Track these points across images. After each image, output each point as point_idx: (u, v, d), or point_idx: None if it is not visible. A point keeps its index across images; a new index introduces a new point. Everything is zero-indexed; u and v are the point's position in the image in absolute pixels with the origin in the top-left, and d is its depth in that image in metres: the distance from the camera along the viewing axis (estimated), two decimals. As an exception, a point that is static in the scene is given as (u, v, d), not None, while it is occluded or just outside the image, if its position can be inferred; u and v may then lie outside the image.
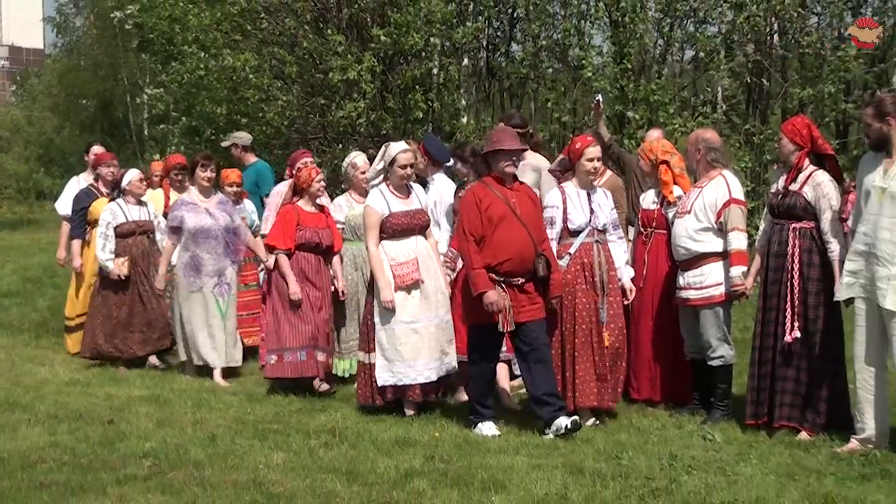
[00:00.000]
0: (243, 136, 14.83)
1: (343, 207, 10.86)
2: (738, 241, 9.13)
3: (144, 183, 11.85)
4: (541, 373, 8.78)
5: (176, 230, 11.00)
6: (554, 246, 9.05)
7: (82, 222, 12.43)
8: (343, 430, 8.72)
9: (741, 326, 11.95)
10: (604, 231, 9.25)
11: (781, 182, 8.93)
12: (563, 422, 8.52)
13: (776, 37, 20.40)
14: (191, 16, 21.68)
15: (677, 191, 9.60)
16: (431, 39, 19.83)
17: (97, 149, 13.31)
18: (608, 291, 9.14)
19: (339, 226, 10.76)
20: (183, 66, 22.40)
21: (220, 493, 7.00)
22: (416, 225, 9.49)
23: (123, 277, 11.50)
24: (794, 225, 8.71)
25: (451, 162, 10.99)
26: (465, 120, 20.46)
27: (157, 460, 7.84)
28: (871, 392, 8.26)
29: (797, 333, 8.62)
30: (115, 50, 40.85)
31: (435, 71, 20.54)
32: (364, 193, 10.52)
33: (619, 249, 9.35)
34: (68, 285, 17.35)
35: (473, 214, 8.64)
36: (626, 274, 9.45)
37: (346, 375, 10.85)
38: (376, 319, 9.37)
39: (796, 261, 8.66)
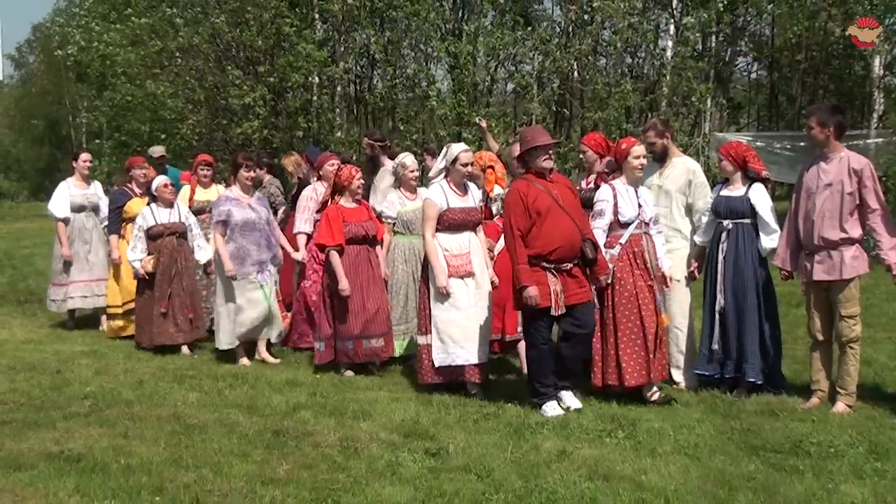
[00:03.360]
0: (156, 151, 14.02)
1: (395, 204, 9.20)
2: None
3: (170, 188, 10.16)
4: (576, 355, 7.48)
5: (223, 223, 9.35)
6: (602, 237, 7.68)
7: (117, 219, 10.84)
8: (244, 375, 8.56)
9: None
10: (648, 223, 7.87)
11: (584, 183, 8.99)
12: (552, 412, 7.19)
13: (575, 74, 20.76)
14: (118, 57, 21.43)
15: (497, 189, 9.58)
16: (310, 77, 19.85)
17: (85, 156, 11.77)
18: (657, 279, 7.75)
19: (391, 221, 9.20)
20: (113, 94, 22.13)
21: (146, 425, 6.83)
22: (469, 221, 8.09)
23: (147, 276, 9.84)
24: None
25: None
26: (338, 135, 20.50)
27: (96, 401, 7.60)
28: None
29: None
30: (60, 80, 40.79)
31: (314, 99, 20.54)
32: (413, 190, 9.26)
33: (659, 241, 7.95)
34: (25, 266, 16.91)
35: (519, 210, 7.26)
36: (665, 263, 7.94)
37: (397, 355, 9.11)
38: (432, 304, 7.98)
39: None
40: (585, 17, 20.65)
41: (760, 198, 7.69)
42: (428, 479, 5.62)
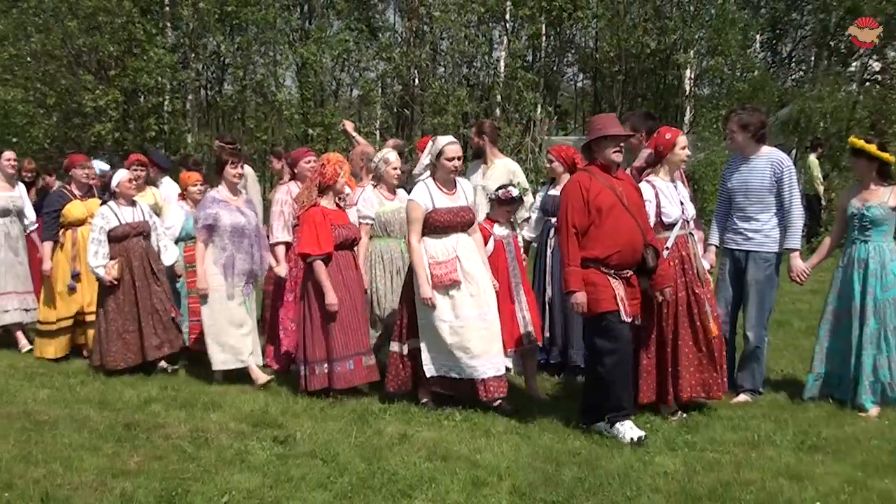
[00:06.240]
0: None
1: (374, 203, 7.83)
2: None
3: (134, 183, 8.53)
4: (616, 373, 6.16)
5: (210, 228, 7.79)
6: None
7: (54, 224, 9.03)
8: (96, 372, 8.26)
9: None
10: (689, 222, 6.80)
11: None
12: (629, 433, 6.01)
13: (416, 80, 20.87)
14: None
15: (347, 189, 9.45)
16: (160, 80, 19.36)
17: (8, 154, 9.64)
18: (704, 282, 6.71)
19: (368, 221, 7.78)
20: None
21: (-5, 423, 6.54)
22: (458, 222, 6.84)
23: (116, 282, 8.13)
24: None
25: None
26: (189, 139, 20.10)
27: (-58, 401, 7.24)
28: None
29: None
30: None
31: (166, 103, 20.06)
32: (393, 190, 7.95)
33: (696, 240, 6.89)
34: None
35: (578, 205, 6.08)
36: (704, 264, 6.88)
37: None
38: (419, 314, 6.85)
39: None
40: (425, 27, 20.77)
41: (585, 197, 7.85)
42: (276, 465, 5.58)
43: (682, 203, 6.76)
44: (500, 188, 7.54)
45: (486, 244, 7.19)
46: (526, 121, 19.53)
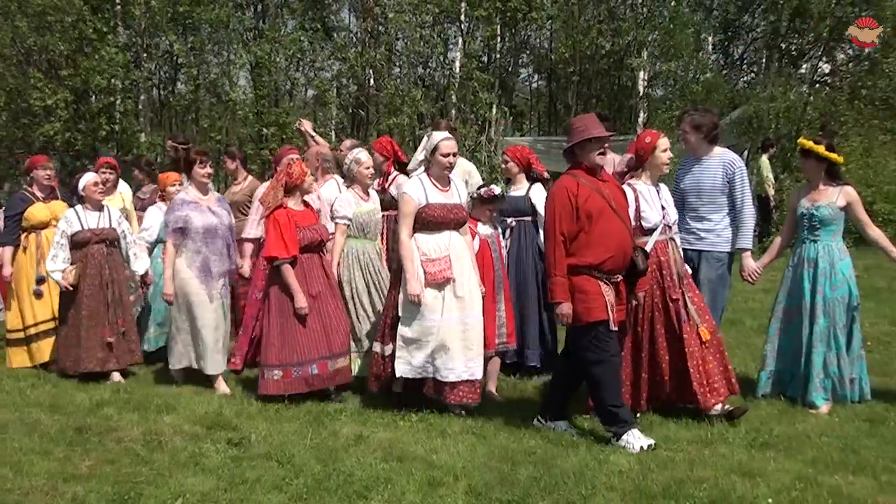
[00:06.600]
0: None
1: (351, 203, 7.58)
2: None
3: (100, 187, 8.26)
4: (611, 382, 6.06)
5: (181, 231, 7.55)
6: None
7: (15, 228, 8.73)
8: (47, 375, 8.14)
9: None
10: (671, 227, 6.64)
11: (376, 184, 9.03)
12: (638, 443, 5.83)
13: (371, 81, 20.87)
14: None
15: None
16: (112, 80, 19.13)
17: None
18: (687, 287, 6.55)
19: (345, 222, 7.53)
20: None
21: (-59, 429, 6.42)
22: (452, 219, 6.68)
23: (71, 288, 7.91)
24: (387, 213, 8.82)
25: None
26: (143, 139, 19.89)
27: None
28: None
29: None
30: None
31: (118, 103, 19.84)
32: (367, 190, 7.81)
33: (677, 245, 6.73)
34: None
35: (566, 212, 5.88)
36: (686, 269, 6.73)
37: (362, 375, 7.40)
38: (401, 313, 6.65)
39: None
40: (380, 27, 20.78)
41: (540, 197, 7.88)
42: (230, 467, 5.54)
43: (663, 208, 6.62)
44: (481, 187, 7.49)
45: None
46: (481, 121, 19.62)
